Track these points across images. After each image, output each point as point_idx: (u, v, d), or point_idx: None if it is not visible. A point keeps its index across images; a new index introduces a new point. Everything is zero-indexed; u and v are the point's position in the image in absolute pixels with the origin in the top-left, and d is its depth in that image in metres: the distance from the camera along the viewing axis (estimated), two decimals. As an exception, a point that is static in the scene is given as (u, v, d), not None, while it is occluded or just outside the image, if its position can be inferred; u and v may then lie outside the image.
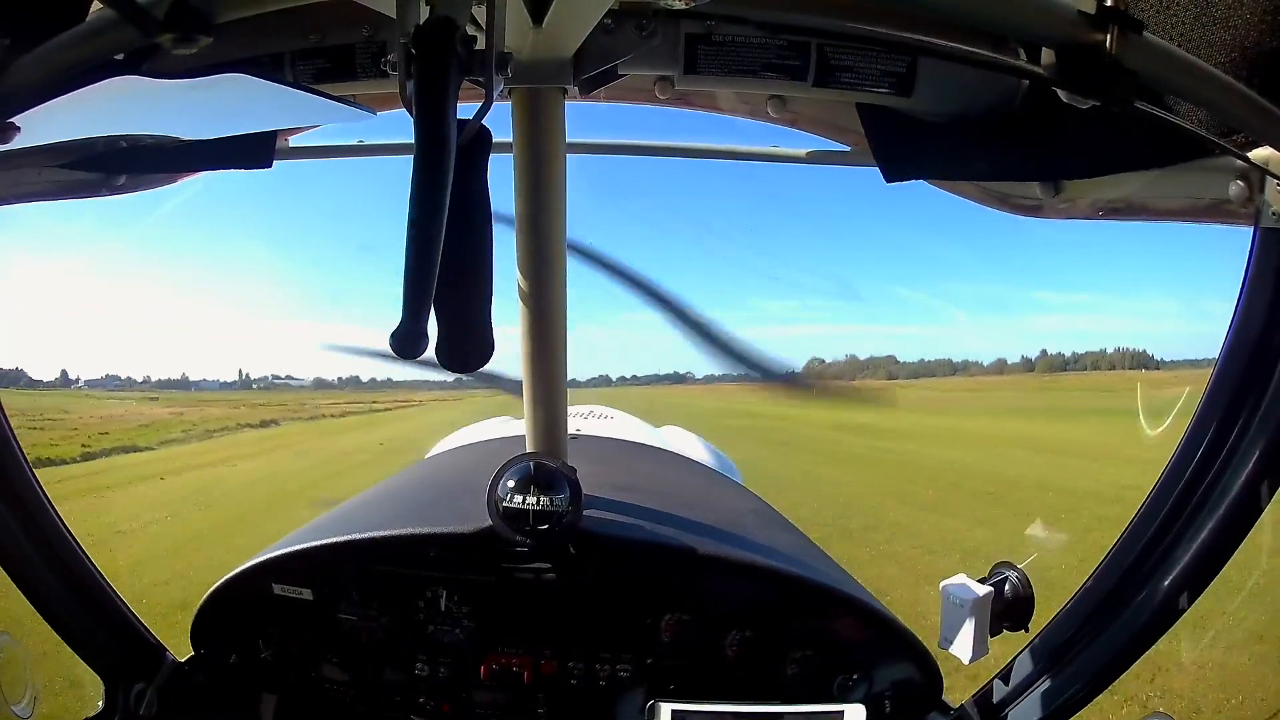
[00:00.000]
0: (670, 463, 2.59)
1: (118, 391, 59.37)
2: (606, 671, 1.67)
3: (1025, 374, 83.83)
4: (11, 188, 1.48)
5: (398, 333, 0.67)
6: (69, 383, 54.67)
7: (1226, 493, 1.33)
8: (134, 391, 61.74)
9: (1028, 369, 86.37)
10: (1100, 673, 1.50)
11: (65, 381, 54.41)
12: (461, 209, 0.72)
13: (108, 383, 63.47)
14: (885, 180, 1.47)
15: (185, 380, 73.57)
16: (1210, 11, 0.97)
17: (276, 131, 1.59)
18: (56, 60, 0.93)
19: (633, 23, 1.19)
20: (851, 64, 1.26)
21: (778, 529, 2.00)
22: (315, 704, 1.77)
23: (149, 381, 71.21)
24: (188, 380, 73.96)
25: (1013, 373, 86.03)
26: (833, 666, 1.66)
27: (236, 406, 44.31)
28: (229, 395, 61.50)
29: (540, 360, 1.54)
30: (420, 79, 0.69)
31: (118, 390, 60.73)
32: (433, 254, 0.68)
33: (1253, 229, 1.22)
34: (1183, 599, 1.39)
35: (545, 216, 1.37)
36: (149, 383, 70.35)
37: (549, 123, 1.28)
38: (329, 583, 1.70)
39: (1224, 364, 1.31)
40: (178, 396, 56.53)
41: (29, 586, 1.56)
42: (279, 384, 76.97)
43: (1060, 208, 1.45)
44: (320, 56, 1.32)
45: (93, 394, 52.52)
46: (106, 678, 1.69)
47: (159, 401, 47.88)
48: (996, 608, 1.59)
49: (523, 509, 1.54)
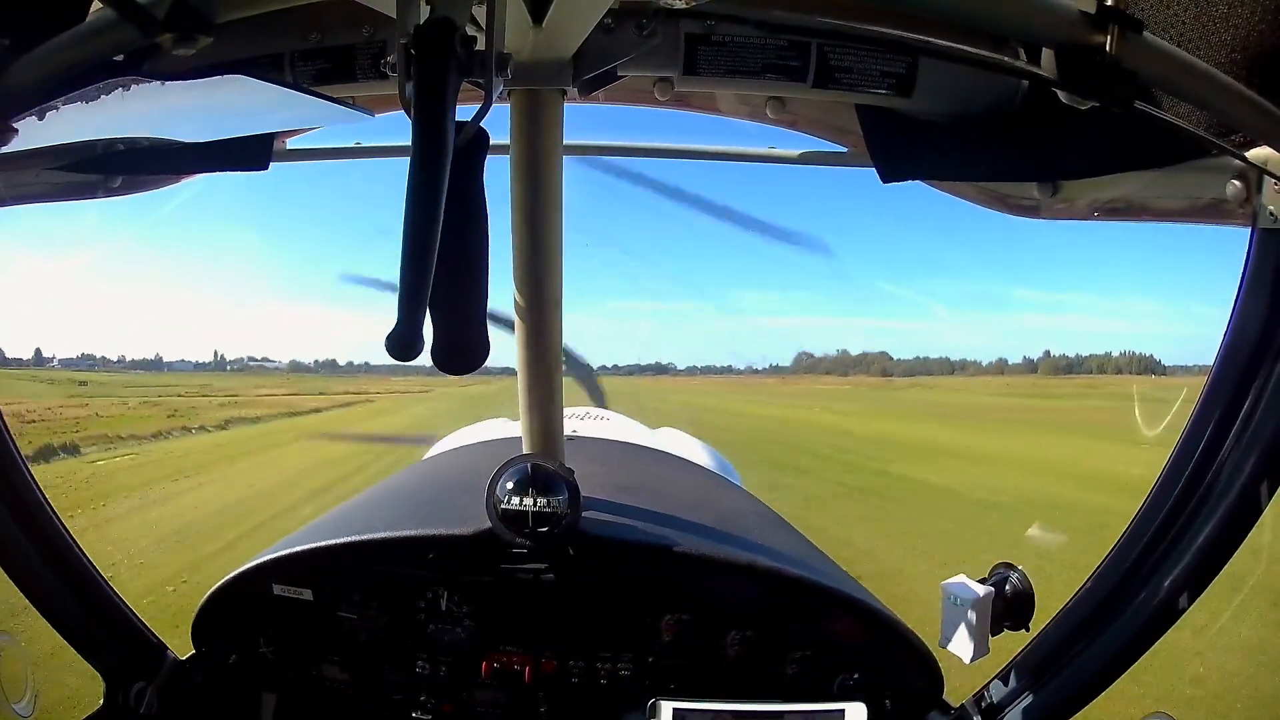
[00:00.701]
0: (668, 464, 2.59)
1: (93, 372, 58.57)
2: (607, 671, 1.68)
3: (1027, 375, 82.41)
4: (11, 188, 1.48)
5: (394, 335, 0.67)
6: (43, 361, 54.10)
7: (1226, 493, 1.32)
8: (110, 372, 60.78)
9: (1030, 370, 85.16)
10: (1101, 672, 1.50)
11: (39, 360, 53.80)
12: (458, 211, 0.72)
13: (81, 362, 62.87)
14: (882, 181, 1.47)
15: (159, 361, 72.60)
16: (1210, 11, 0.97)
17: (274, 133, 1.59)
18: (56, 60, 0.94)
19: (632, 22, 1.19)
20: (851, 64, 1.26)
21: (777, 529, 2.00)
22: (315, 704, 1.77)
23: (124, 361, 70.40)
24: (161, 361, 72.97)
25: (1014, 373, 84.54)
26: (833, 666, 1.66)
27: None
28: (202, 379, 60.49)
29: (536, 363, 1.54)
30: (419, 79, 0.69)
31: (91, 370, 59.95)
32: (429, 256, 0.68)
33: (1250, 229, 1.22)
34: (1183, 599, 1.39)
35: (542, 219, 1.37)
36: (124, 362, 69.55)
37: (548, 125, 1.28)
38: (329, 583, 1.70)
39: (1222, 364, 1.31)
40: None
41: (29, 586, 1.56)
42: (254, 366, 76.15)
43: (1058, 208, 1.45)
44: (320, 57, 1.32)
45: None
46: (107, 677, 1.69)
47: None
48: (997, 607, 1.59)
49: (521, 511, 1.55)
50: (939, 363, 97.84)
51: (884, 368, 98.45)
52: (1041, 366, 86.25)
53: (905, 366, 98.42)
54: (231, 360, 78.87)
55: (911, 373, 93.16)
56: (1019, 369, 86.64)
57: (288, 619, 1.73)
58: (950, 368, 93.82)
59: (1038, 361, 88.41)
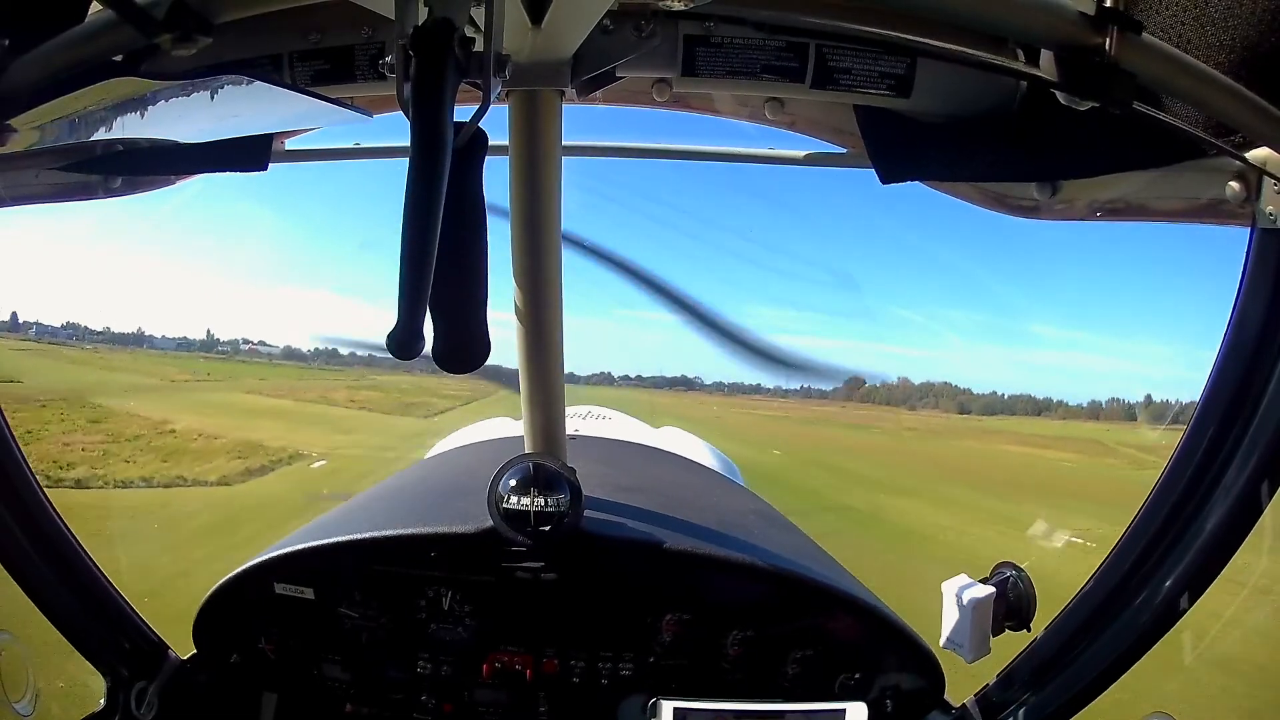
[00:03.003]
0: (670, 463, 2.59)
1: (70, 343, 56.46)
2: (608, 670, 1.68)
3: (1126, 423, 53.70)
4: (11, 188, 1.48)
5: (394, 334, 0.67)
6: (18, 327, 52.28)
7: (1226, 493, 1.32)
8: (90, 344, 58.61)
9: (1127, 417, 58.35)
10: (1102, 673, 1.50)
11: (15, 326, 51.97)
12: (458, 211, 0.72)
13: (61, 332, 61.53)
14: (881, 181, 1.46)
15: (140, 335, 70.64)
16: (1209, 12, 0.97)
17: (273, 134, 1.59)
18: (56, 60, 0.94)
19: (631, 24, 1.19)
20: (850, 65, 1.26)
21: (779, 529, 2.00)
22: (316, 703, 1.77)
23: (108, 332, 68.33)
24: (142, 335, 70.94)
25: (1109, 418, 61.13)
26: (835, 665, 1.66)
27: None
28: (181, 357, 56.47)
29: (537, 361, 1.54)
30: (418, 80, 0.69)
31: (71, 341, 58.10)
32: (428, 256, 0.68)
33: (1250, 229, 1.22)
34: (1184, 599, 1.39)
35: (541, 219, 1.37)
36: (108, 334, 67.51)
37: (546, 126, 1.28)
38: (331, 582, 1.70)
39: (1222, 364, 1.31)
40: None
41: (30, 585, 1.56)
42: (245, 351, 73.69)
43: (1058, 208, 1.45)
44: (319, 58, 1.32)
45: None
46: (108, 676, 1.69)
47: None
48: (999, 608, 1.59)
49: (523, 510, 1.55)
50: (1022, 401, 75.33)
51: (961, 402, 76.68)
52: (1142, 413, 60.77)
53: (983, 403, 76.71)
54: (225, 341, 75.75)
55: (991, 410, 73.61)
56: (1115, 413, 62.51)
57: (289, 618, 1.73)
58: (1036, 407, 72.12)
59: (1135, 407, 62.94)
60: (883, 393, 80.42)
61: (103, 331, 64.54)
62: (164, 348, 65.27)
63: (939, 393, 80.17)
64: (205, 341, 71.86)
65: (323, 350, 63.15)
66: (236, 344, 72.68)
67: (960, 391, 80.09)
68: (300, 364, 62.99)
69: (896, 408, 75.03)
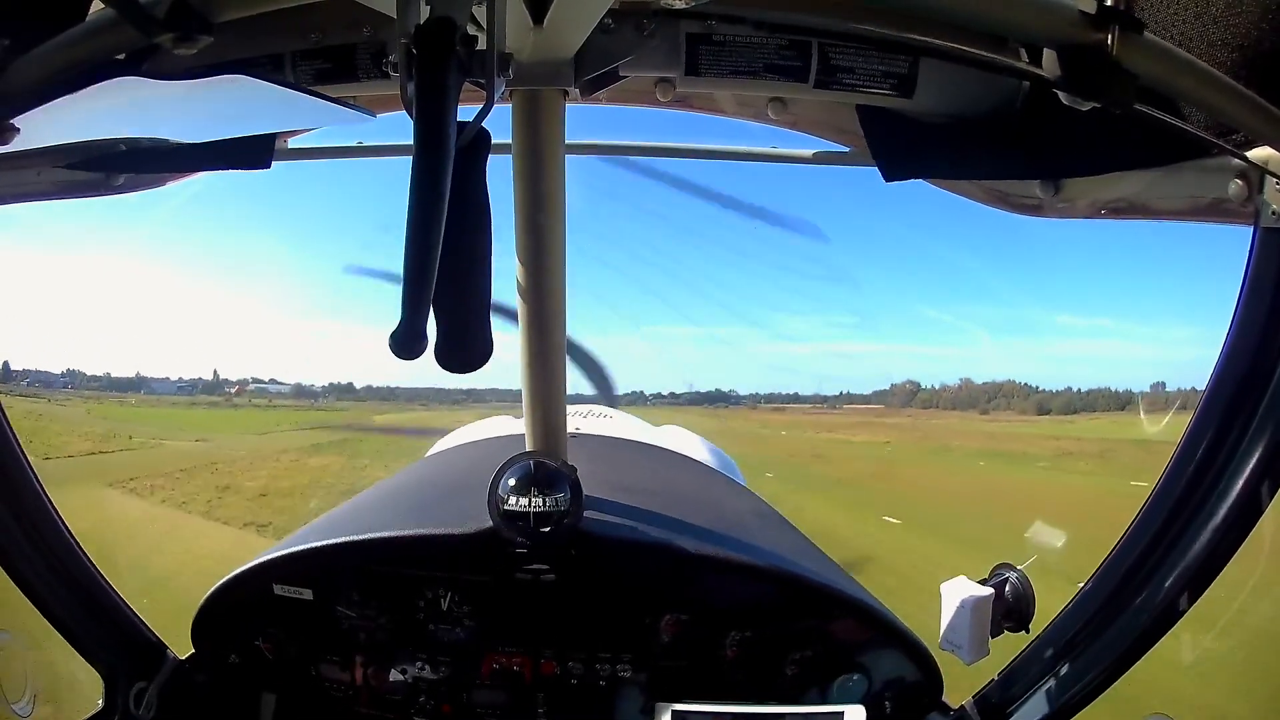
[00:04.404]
0: (671, 462, 2.59)
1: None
2: (607, 671, 1.68)
3: None
4: (11, 188, 1.48)
5: (397, 334, 0.67)
6: (10, 377, 49.70)
7: (1226, 493, 1.33)
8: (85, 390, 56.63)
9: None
10: (1101, 674, 1.50)
11: (7, 377, 49.33)
12: (460, 210, 0.72)
13: (58, 380, 59.69)
14: (884, 180, 1.46)
15: (139, 379, 69.50)
16: (1210, 11, 0.97)
17: (275, 133, 1.59)
18: (56, 60, 0.94)
19: (633, 23, 1.19)
20: (853, 65, 1.26)
21: (779, 529, 2.00)
22: (315, 704, 1.77)
23: (108, 378, 66.90)
24: (141, 379, 69.79)
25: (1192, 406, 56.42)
26: (833, 667, 1.66)
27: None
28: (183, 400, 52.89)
29: (539, 360, 1.54)
30: (420, 79, 0.69)
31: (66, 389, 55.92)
32: (431, 256, 0.68)
33: (1252, 228, 1.22)
34: (1183, 600, 1.39)
35: (545, 218, 1.37)
36: (108, 379, 66.12)
37: (549, 125, 1.27)
38: (330, 583, 1.70)
39: (1224, 363, 1.31)
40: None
41: (29, 586, 1.56)
42: (259, 388, 72.10)
43: (1060, 207, 1.45)
44: (320, 57, 1.32)
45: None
46: (107, 676, 1.69)
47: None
48: (998, 608, 1.59)
49: (523, 510, 1.54)
50: (1102, 395, 62.92)
51: (1040, 402, 64.88)
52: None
53: (1062, 401, 64.23)
54: (234, 380, 73.93)
55: (1070, 408, 62.09)
56: (1192, 401, 59.50)
57: (288, 619, 1.73)
58: (1119, 401, 59.54)
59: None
60: (944, 396, 71.08)
61: (103, 377, 62.75)
62: (162, 391, 62.94)
63: (1007, 392, 68.92)
64: (213, 382, 69.84)
65: (338, 384, 60.30)
66: (247, 381, 70.87)
67: (1031, 390, 68.08)
68: (305, 401, 59.70)
69: (965, 413, 65.32)
